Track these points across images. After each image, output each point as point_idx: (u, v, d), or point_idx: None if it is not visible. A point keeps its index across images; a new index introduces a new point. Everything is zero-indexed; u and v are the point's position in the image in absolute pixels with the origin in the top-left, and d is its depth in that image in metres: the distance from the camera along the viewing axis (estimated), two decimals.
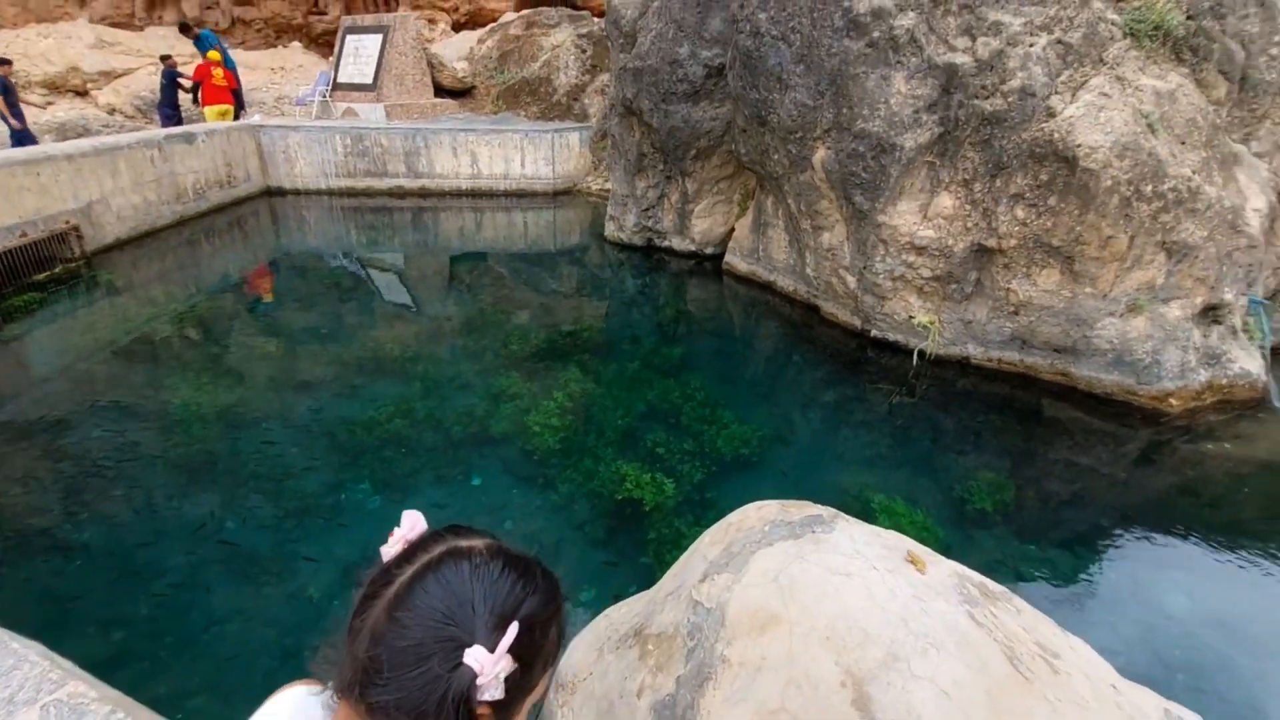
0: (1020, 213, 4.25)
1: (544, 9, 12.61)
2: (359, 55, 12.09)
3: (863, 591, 1.57)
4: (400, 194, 10.36)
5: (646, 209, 7.54)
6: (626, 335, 5.72)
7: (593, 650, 1.64)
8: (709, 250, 7.33)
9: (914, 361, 4.84)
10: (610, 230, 7.97)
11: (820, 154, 5.02)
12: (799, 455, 3.98)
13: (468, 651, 0.63)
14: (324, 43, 15.92)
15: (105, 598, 2.82)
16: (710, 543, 1.84)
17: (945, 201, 4.53)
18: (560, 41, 11.94)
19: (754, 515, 1.88)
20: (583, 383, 4.63)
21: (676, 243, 7.48)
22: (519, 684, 0.68)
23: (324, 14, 16.15)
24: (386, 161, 10.26)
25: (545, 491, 3.55)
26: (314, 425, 4.08)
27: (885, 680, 1.34)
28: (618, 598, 2.00)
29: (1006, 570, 3.10)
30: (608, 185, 8.78)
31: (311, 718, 0.76)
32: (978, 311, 4.69)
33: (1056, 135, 4.02)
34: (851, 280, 5.17)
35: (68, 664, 1.64)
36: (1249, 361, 4.36)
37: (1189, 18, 4.23)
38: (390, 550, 0.73)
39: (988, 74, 4.24)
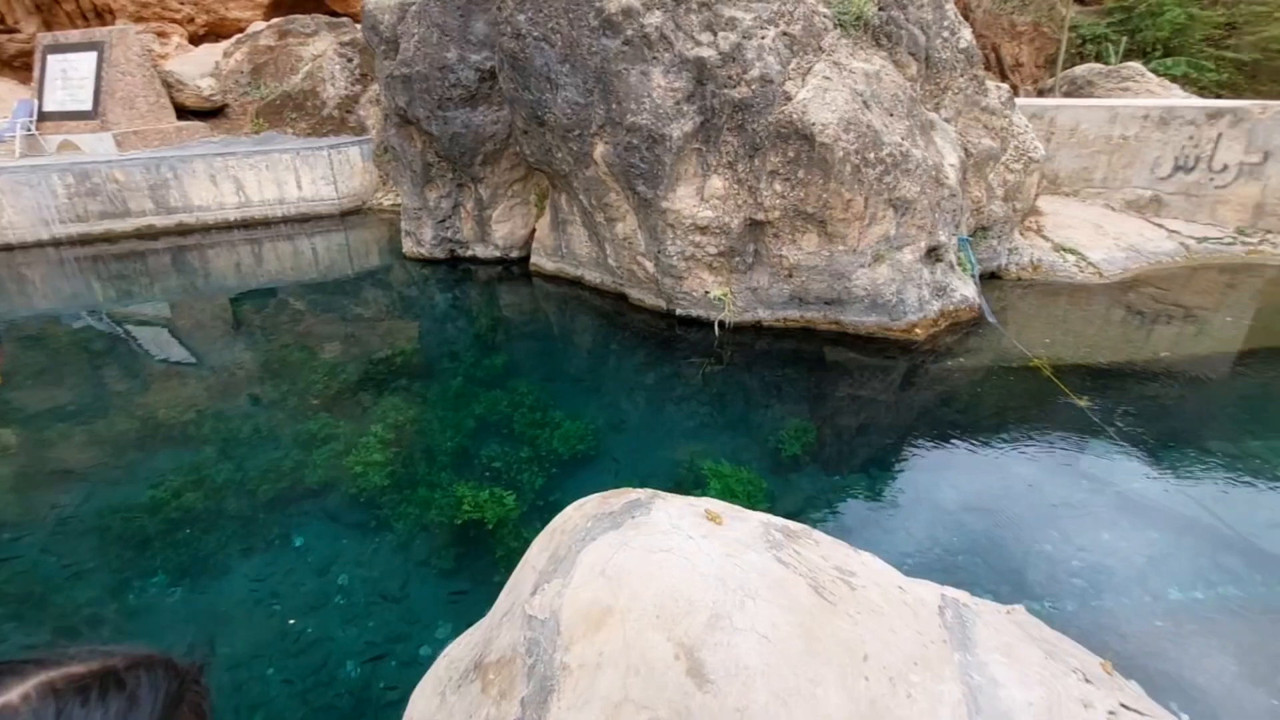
0: (778, 187, 4.77)
1: (297, 16, 11.51)
2: (69, 78, 10.20)
3: (683, 563, 1.68)
4: (152, 234, 8.99)
5: (443, 220, 7.30)
6: (444, 352, 5.54)
7: (434, 696, 1.60)
8: (514, 254, 7.30)
9: (716, 332, 5.26)
10: (409, 246, 7.61)
11: (600, 149, 5.21)
12: (632, 440, 4.15)
13: None
14: (20, 66, 13.09)
15: None
16: (538, 551, 1.85)
17: (717, 183, 4.94)
18: (321, 51, 11.02)
19: (575, 515, 1.93)
20: (404, 410, 4.42)
21: (480, 250, 7.34)
22: None
23: (15, 32, 13.27)
24: (127, 198, 8.83)
25: (380, 533, 3.37)
26: (77, 522, 3.47)
27: (713, 642, 1.43)
28: (471, 625, 1.97)
29: (820, 503, 3.51)
30: (400, 200, 8.35)
31: None
32: (760, 279, 5.20)
33: (795, 116, 4.55)
34: (650, 265, 5.46)
35: None
36: (966, 289, 5.34)
37: (881, 9, 5.00)
38: None
39: (731, 65, 4.68)
